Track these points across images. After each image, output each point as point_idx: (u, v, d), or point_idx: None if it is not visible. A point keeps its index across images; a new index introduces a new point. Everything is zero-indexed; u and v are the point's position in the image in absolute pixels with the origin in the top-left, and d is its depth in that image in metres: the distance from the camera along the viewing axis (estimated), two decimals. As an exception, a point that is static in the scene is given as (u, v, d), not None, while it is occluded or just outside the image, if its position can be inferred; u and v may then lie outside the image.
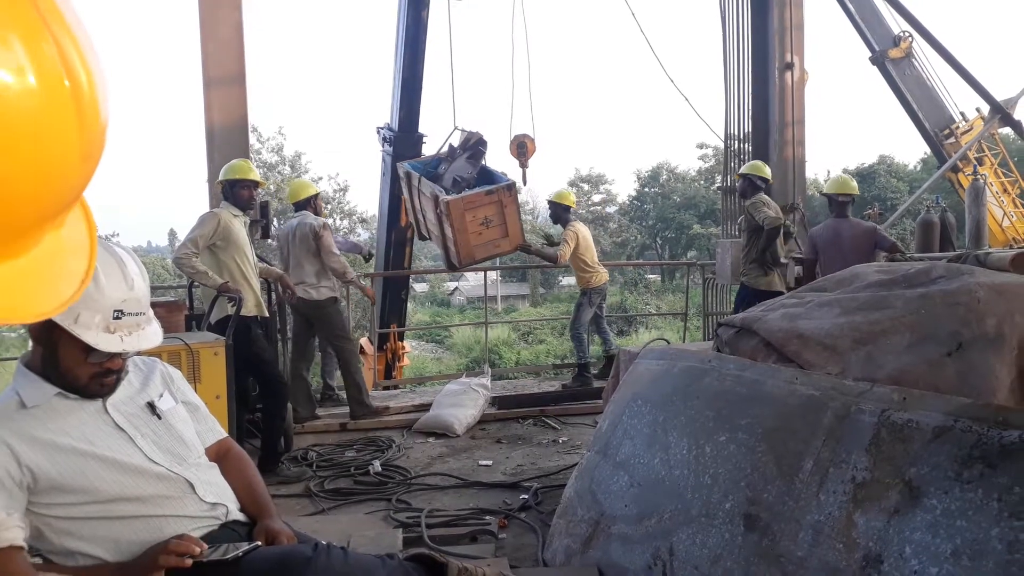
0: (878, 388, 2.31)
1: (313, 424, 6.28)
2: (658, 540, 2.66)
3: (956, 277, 2.79)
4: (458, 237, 6.33)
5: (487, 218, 6.43)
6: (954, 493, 1.95)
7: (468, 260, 6.63)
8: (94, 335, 1.74)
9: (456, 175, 6.76)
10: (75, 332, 1.71)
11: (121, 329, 1.78)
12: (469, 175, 6.75)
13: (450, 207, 6.23)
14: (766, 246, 6.64)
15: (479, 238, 6.47)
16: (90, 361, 1.82)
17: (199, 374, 4.04)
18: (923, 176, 29.61)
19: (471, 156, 6.82)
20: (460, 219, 6.27)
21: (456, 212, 6.25)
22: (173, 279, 25.32)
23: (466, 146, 6.93)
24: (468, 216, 6.34)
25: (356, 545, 3.03)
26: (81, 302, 1.68)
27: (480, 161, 6.84)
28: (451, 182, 6.71)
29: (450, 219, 6.26)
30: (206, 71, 6.11)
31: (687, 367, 3.10)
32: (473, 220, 6.37)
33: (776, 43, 7.87)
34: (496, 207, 6.48)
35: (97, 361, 1.82)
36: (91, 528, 1.80)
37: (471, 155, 6.82)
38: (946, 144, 11.79)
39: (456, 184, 6.67)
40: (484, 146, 6.87)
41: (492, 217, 6.46)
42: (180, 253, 4.96)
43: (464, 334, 26.86)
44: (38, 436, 1.79)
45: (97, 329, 1.75)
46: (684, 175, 43.01)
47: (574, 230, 7.37)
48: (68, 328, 1.71)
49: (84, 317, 1.72)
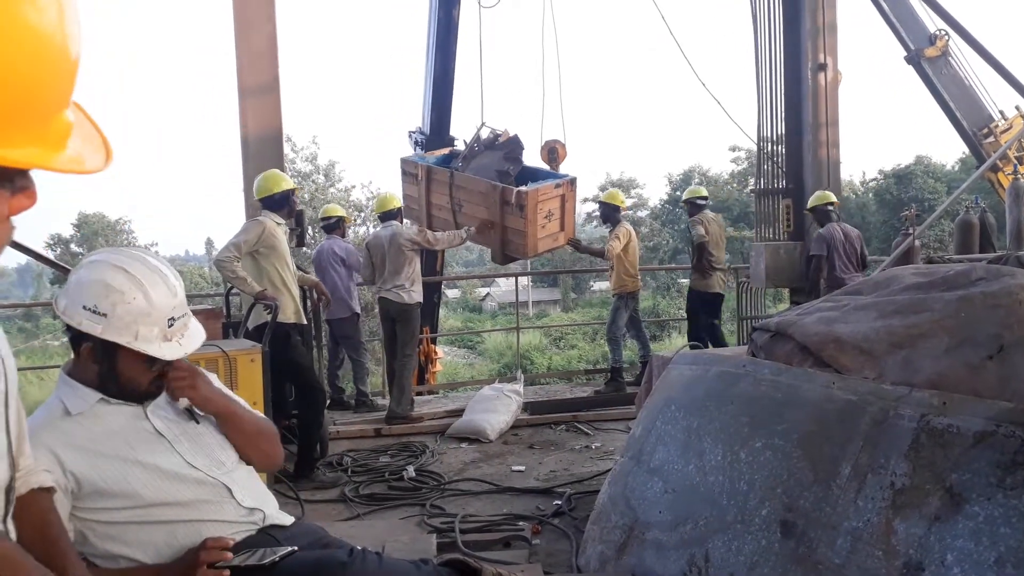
0: (917, 392, 2.28)
1: (348, 430, 6.35)
2: (693, 547, 2.64)
3: (997, 279, 2.73)
4: (528, 229, 6.36)
5: (550, 211, 6.52)
6: (997, 499, 1.92)
7: (533, 252, 6.70)
8: (157, 347, 1.85)
9: (497, 169, 6.74)
10: (140, 348, 1.82)
11: (176, 334, 1.90)
12: (512, 171, 6.73)
13: (527, 198, 6.27)
14: (701, 255, 7.77)
15: (543, 231, 6.54)
16: (153, 370, 1.92)
17: (236, 381, 4.10)
18: (961, 176, 29.05)
19: (509, 153, 6.80)
20: (533, 211, 6.31)
21: (531, 204, 6.29)
22: (210, 287, 25.69)
23: (493, 144, 6.94)
24: (539, 208, 6.40)
25: (391, 550, 3.05)
26: (137, 320, 1.80)
27: (520, 158, 6.85)
28: (494, 177, 6.68)
29: (525, 211, 6.28)
30: (241, 81, 6.19)
31: (721, 372, 3.07)
32: (540, 213, 6.43)
33: (809, 44, 7.78)
34: (559, 201, 6.57)
35: (159, 369, 1.92)
36: (132, 532, 1.84)
37: (508, 152, 6.81)
38: (985, 143, 11.54)
39: (501, 178, 6.64)
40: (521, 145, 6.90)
41: (554, 211, 6.56)
42: (223, 256, 5.04)
43: (496, 339, 26.86)
44: (81, 443, 1.83)
45: (157, 341, 1.85)
46: (716, 178, 42.62)
47: (626, 229, 7.69)
48: (130, 346, 1.81)
49: (143, 332, 1.82)
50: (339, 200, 23.26)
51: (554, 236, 6.70)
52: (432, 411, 6.88)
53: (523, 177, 6.75)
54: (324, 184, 25.13)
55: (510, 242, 6.59)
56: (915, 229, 7.02)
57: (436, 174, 6.98)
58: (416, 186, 7.17)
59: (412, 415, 6.54)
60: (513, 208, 6.33)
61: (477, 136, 7.04)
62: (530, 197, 6.25)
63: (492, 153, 6.89)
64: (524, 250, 6.56)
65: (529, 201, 6.25)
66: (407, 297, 6.58)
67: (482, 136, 7.02)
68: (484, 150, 6.92)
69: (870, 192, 38.94)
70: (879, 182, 37.90)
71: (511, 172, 6.69)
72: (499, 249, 6.69)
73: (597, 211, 14.35)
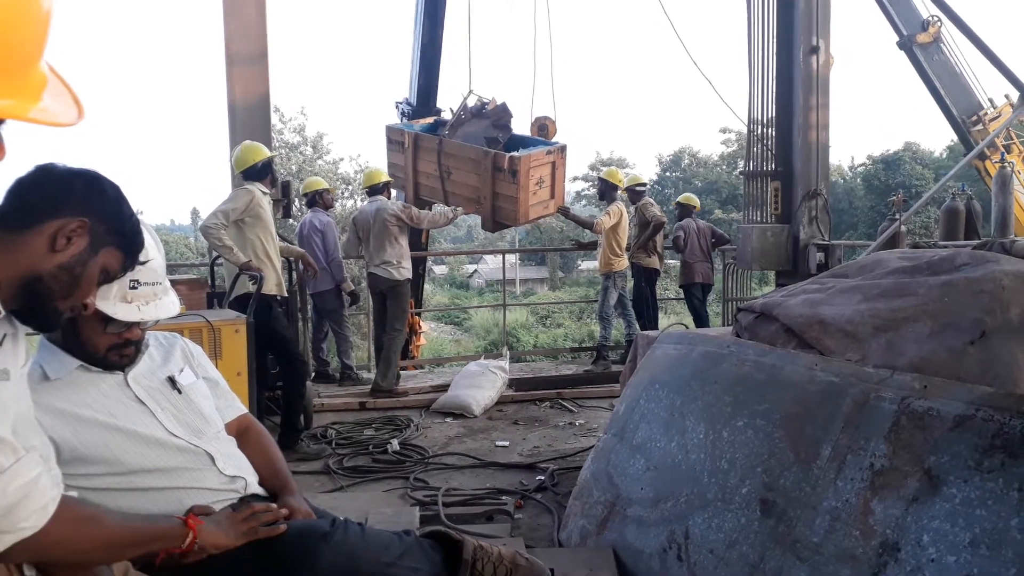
0: (899, 375, 2.30)
1: (332, 403, 6.35)
2: (674, 523, 2.67)
3: (981, 264, 2.74)
4: (520, 195, 6.35)
5: (541, 178, 6.51)
6: (974, 482, 1.94)
7: (524, 219, 6.71)
8: (111, 305, 1.81)
9: (486, 136, 6.71)
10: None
11: (138, 299, 1.85)
12: (502, 138, 6.71)
13: (520, 164, 6.23)
14: (652, 235, 8.23)
15: (534, 198, 6.53)
16: (108, 332, 1.86)
17: (220, 351, 4.08)
18: (949, 163, 29.17)
19: (497, 121, 6.77)
20: (526, 177, 6.28)
21: (523, 170, 6.26)
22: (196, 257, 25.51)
23: (480, 112, 6.91)
24: (530, 174, 6.38)
25: (374, 522, 3.06)
26: None
27: (509, 126, 6.84)
28: (483, 144, 6.65)
29: (518, 176, 6.25)
30: (228, 49, 6.10)
31: (706, 352, 3.09)
32: (532, 179, 6.40)
33: (802, 26, 7.74)
34: (550, 168, 6.56)
35: (115, 331, 1.87)
36: (113, 499, 1.83)
37: (497, 120, 6.78)
38: (973, 131, 11.58)
39: (491, 145, 6.63)
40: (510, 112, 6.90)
41: (545, 178, 6.55)
42: (210, 223, 5.00)
43: (482, 316, 26.91)
44: (61, 408, 1.81)
45: (114, 300, 1.81)
46: (706, 160, 42.58)
47: (619, 208, 7.80)
48: None
49: (101, 288, 1.75)
50: (327, 172, 23.10)
51: (544, 204, 6.71)
52: (417, 386, 6.89)
53: (512, 145, 6.74)
54: (312, 156, 24.91)
55: (500, 208, 6.58)
56: (901, 215, 7.04)
57: (424, 141, 6.96)
58: (402, 154, 7.14)
59: (397, 389, 6.55)
60: (505, 174, 6.30)
61: (464, 104, 7.04)
62: (522, 163, 6.23)
63: (480, 121, 6.91)
64: (515, 217, 6.56)
65: (521, 167, 6.23)
66: (397, 274, 6.60)
67: (469, 104, 7.02)
68: (471, 118, 6.93)
69: (858, 177, 39.08)
70: (867, 167, 38.03)
71: (500, 139, 6.68)
72: (490, 216, 6.68)
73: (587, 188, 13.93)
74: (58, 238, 1.43)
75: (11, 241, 1.41)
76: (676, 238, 8.85)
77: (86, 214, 1.47)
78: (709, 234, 9.00)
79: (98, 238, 1.50)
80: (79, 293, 1.50)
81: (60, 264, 1.44)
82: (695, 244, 8.77)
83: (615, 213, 7.70)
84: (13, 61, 0.85)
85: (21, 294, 1.41)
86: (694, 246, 8.76)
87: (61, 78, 0.98)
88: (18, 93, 0.86)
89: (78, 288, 1.49)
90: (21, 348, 1.50)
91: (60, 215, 1.44)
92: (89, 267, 1.49)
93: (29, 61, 0.88)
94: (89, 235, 1.48)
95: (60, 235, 1.43)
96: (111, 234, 1.53)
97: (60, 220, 1.44)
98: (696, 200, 9.46)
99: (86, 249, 1.48)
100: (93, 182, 1.53)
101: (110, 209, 1.54)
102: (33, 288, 1.42)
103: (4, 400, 1.35)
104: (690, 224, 8.87)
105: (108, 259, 1.54)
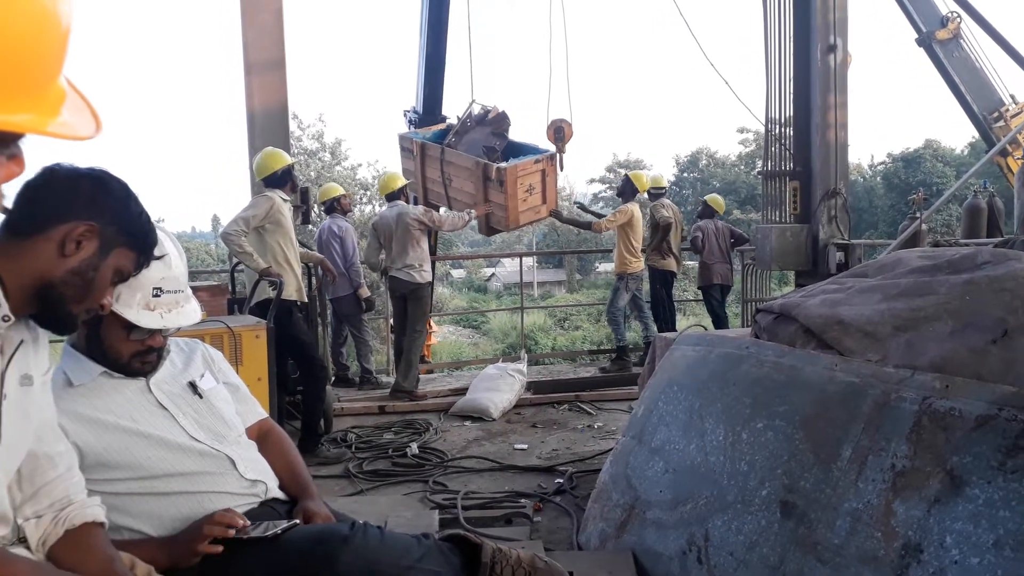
0: (919, 375, 2.27)
1: (352, 407, 6.38)
2: (693, 526, 2.65)
3: (1003, 263, 2.71)
4: (509, 203, 6.62)
5: (531, 185, 6.75)
6: (997, 483, 1.92)
7: (515, 224, 6.95)
8: (135, 313, 1.83)
9: (484, 145, 6.95)
10: (117, 310, 1.79)
11: (161, 307, 1.87)
12: (499, 146, 6.95)
13: (507, 174, 6.52)
14: (663, 237, 8.22)
15: (524, 204, 6.77)
16: (132, 339, 1.88)
17: (241, 357, 4.11)
18: (970, 160, 28.85)
19: (496, 129, 7.03)
20: (513, 186, 6.55)
21: (511, 179, 6.54)
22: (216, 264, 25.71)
23: (483, 120, 7.09)
24: (519, 183, 6.64)
25: (393, 525, 3.07)
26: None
27: (506, 134, 7.07)
28: (481, 152, 6.92)
29: (505, 186, 6.54)
30: (247, 57, 6.16)
31: (724, 353, 3.07)
32: (521, 187, 6.66)
33: (819, 24, 7.69)
34: (539, 175, 6.79)
35: (139, 339, 1.89)
36: (136, 504, 1.85)
37: (495, 128, 7.03)
38: (995, 127, 11.44)
39: (488, 153, 6.89)
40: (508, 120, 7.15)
41: (535, 185, 6.78)
42: (231, 229, 5.05)
43: (500, 320, 26.88)
44: (84, 413, 1.84)
45: (138, 307, 1.83)
46: (724, 160, 42.40)
47: (629, 208, 7.87)
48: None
49: (125, 296, 1.80)
50: (345, 178, 23.24)
51: (536, 209, 6.93)
52: (436, 389, 6.91)
53: (512, 151, 7.00)
54: (330, 162, 25.07)
55: (493, 215, 6.87)
56: (922, 213, 6.97)
57: (429, 149, 7.28)
58: (412, 161, 7.44)
59: (417, 392, 6.58)
60: (495, 183, 6.59)
61: (469, 112, 7.28)
62: (508, 173, 6.55)
63: (482, 128, 7.18)
64: (506, 222, 6.85)
65: (508, 176, 6.53)
66: (418, 277, 6.70)
67: (473, 112, 7.28)
68: (475, 126, 7.24)
69: (878, 175, 38.75)
70: (887, 165, 37.70)
71: (497, 147, 6.94)
72: (484, 221, 6.98)
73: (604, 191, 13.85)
74: (67, 243, 1.43)
75: (22, 247, 1.41)
76: (694, 239, 8.81)
77: (94, 216, 1.46)
78: (728, 234, 8.95)
79: (108, 240, 1.50)
80: (93, 296, 1.50)
81: (71, 269, 1.44)
82: (713, 245, 8.74)
83: (623, 213, 7.78)
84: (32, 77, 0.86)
85: (35, 300, 1.42)
86: (712, 247, 8.73)
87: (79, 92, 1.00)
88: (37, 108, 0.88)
89: (92, 291, 1.49)
90: (43, 353, 1.52)
91: (68, 218, 1.43)
92: (101, 270, 1.49)
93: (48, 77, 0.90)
94: (98, 238, 1.47)
95: (69, 240, 1.43)
96: (121, 235, 1.52)
97: (68, 224, 1.43)
98: (721, 203, 9.37)
99: (96, 252, 1.47)
100: (99, 182, 1.52)
101: (118, 209, 1.53)
102: (46, 294, 1.42)
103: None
104: (708, 225, 8.84)
105: (120, 260, 1.54)
